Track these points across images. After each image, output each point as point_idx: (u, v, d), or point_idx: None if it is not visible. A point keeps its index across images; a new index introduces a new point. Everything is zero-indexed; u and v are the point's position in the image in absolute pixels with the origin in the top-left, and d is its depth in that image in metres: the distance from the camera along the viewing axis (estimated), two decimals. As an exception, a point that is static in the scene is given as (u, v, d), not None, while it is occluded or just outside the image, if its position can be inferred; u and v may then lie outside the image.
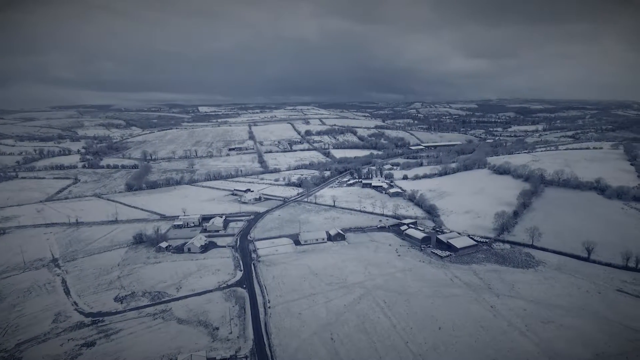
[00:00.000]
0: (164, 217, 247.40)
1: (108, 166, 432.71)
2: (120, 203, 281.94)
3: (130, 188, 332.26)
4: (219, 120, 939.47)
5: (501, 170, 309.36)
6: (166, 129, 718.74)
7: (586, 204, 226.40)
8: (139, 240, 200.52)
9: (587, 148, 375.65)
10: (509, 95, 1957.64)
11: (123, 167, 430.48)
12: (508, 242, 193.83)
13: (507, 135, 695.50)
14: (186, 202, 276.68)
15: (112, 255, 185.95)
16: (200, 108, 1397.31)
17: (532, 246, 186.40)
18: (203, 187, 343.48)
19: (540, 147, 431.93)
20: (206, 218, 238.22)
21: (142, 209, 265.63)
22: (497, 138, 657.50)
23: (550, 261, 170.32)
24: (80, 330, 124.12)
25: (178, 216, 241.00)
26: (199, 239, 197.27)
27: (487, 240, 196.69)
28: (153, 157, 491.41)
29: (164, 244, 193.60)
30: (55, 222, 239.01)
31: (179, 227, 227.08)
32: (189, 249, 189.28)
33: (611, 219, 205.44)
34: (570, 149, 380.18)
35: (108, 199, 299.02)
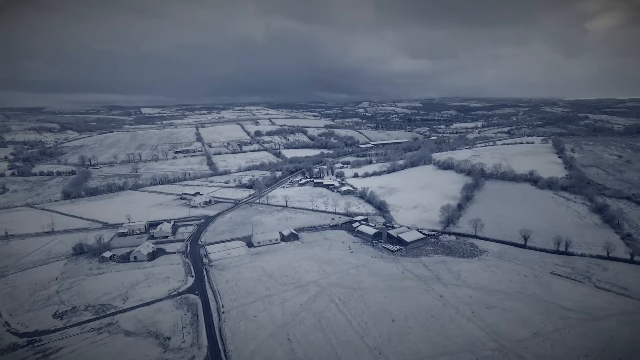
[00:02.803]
0: (107, 225, 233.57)
1: (41, 173, 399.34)
2: (57, 212, 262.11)
3: (67, 196, 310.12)
4: (164, 122, 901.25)
5: (445, 166, 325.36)
6: (106, 132, 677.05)
7: (521, 195, 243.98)
8: (80, 251, 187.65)
9: (521, 143, 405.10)
10: (450, 94, 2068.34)
11: (59, 173, 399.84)
12: (454, 233, 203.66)
13: (449, 132, 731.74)
14: (131, 209, 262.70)
15: (49, 269, 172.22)
16: (143, 110, 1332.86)
17: (475, 236, 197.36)
18: (149, 192, 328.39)
19: (480, 143, 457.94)
20: (153, 224, 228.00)
21: (82, 218, 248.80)
22: (440, 135, 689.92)
23: (492, 250, 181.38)
24: (14, 353, 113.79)
25: (122, 223, 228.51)
26: (146, 247, 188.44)
27: (434, 233, 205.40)
28: (92, 162, 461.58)
29: (107, 254, 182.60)
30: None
31: (123, 235, 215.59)
32: (135, 258, 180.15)
33: (543, 208, 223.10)
34: (507, 144, 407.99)
35: (43, 209, 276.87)
